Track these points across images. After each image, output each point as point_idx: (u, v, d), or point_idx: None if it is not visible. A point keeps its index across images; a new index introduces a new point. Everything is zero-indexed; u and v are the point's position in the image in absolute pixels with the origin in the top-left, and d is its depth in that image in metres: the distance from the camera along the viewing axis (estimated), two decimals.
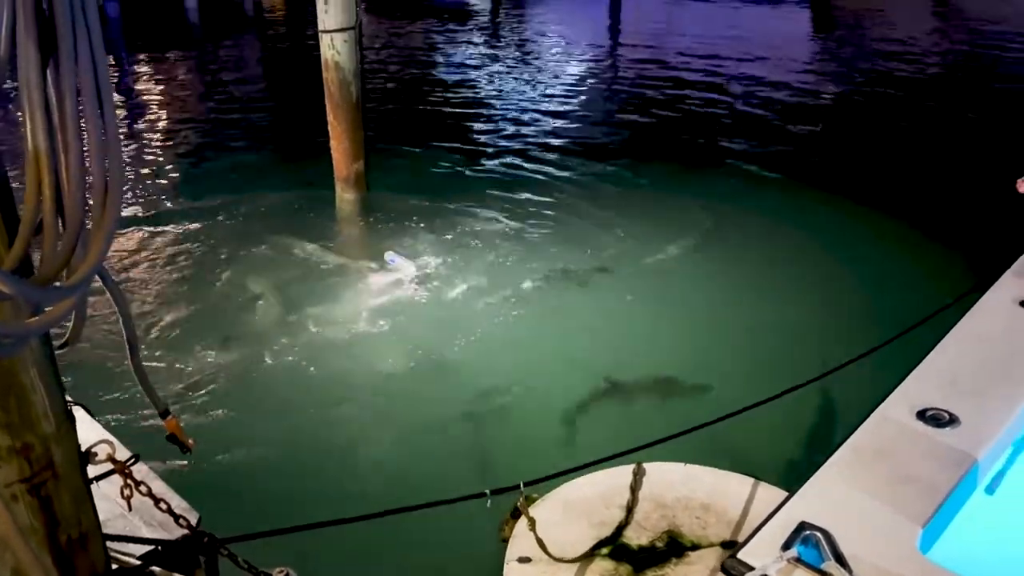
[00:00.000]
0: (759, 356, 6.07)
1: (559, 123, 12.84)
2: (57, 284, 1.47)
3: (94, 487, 1.94)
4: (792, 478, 2.33)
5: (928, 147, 11.26)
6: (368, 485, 4.79)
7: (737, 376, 5.68)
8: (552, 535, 2.75)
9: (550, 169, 10.43)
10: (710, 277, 7.44)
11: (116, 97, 12.88)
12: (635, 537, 2.79)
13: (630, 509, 2.87)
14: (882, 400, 2.58)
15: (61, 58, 1.38)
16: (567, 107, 13.92)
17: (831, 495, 2.22)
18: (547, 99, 14.46)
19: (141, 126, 12.78)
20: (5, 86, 1.51)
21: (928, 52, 18.89)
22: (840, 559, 1.99)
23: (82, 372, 5.61)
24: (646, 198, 9.34)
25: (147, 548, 2.27)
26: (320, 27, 7.78)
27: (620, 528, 2.82)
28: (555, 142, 11.67)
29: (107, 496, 2.35)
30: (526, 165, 10.58)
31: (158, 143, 11.82)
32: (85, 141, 1.46)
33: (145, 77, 16.76)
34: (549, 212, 8.93)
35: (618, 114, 13.64)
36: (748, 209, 8.95)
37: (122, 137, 11.89)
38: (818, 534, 2.06)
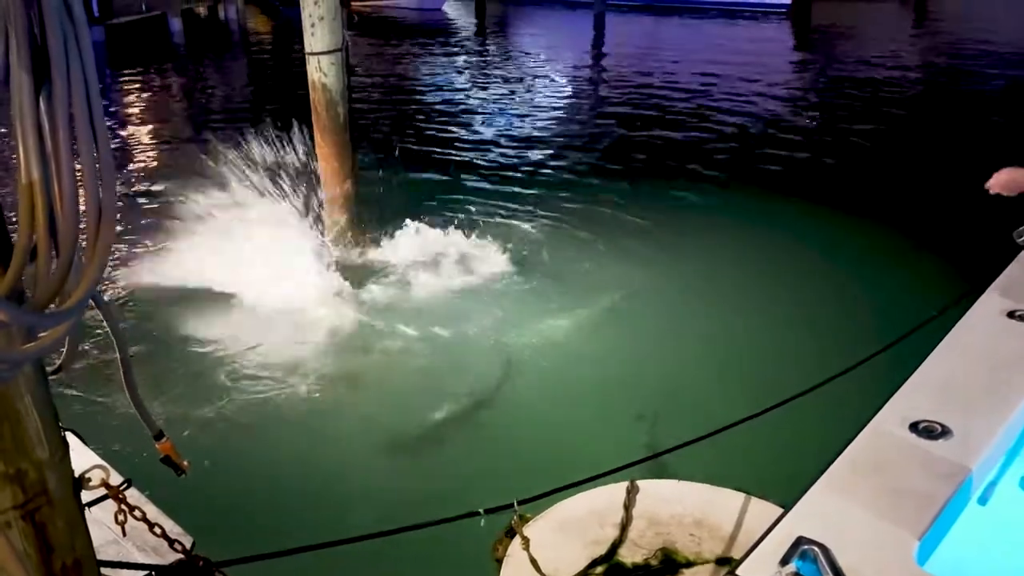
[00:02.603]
0: (750, 370, 6.09)
1: (549, 143, 12.90)
2: (51, 310, 1.47)
3: (88, 512, 1.93)
4: (785, 492, 2.33)
5: (913, 158, 11.36)
6: (363, 506, 4.76)
7: (729, 391, 5.70)
8: (546, 554, 2.74)
9: (540, 189, 10.47)
10: (698, 292, 7.47)
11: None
12: (629, 555, 2.78)
13: (624, 527, 2.86)
14: (875, 412, 2.59)
15: (54, 86, 1.39)
16: (557, 126, 13.99)
17: (827, 509, 2.22)
18: (536, 118, 14.53)
19: (126, 148, 12.75)
20: None
21: (910, 66, 19.10)
22: (838, 573, 1.98)
23: (73, 397, 5.59)
24: (635, 215, 9.37)
25: (141, 573, 2.26)
26: (307, 49, 7.81)
27: (614, 546, 2.81)
28: (545, 162, 11.73)
29: (100, 521, 2.33)
30: (516, 185, 10.63)
31: (143, 165, 11.80)
32: (79, 167, 1.46)
33: (130, 100, 16.75)
34: (539, 231, 8.96)
35: (607, 132, 13.70)
36: (736, 224, 9.01)
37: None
38: (816, 549, 2.05)
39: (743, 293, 7.37)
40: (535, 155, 12.23)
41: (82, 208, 1.47)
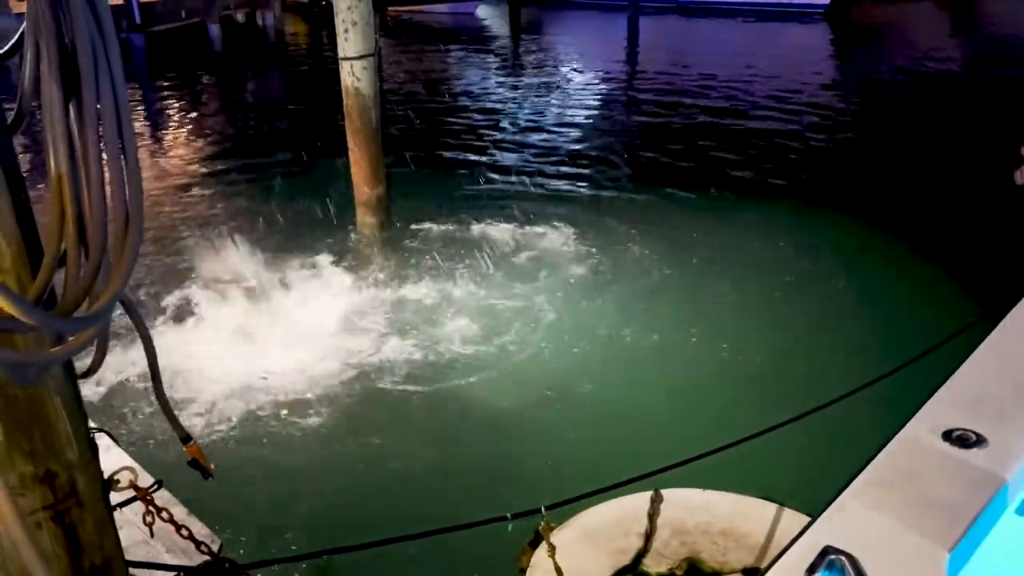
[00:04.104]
0: (778, 379, 6.01)
1: (582, 147, 12.86)
2: (79, 314, 1.49)
3: (118, 513, 1.96)
4: (813, 502, 2.30)
5: (950, 168, 11.14)
6: (389, 510, 4.75)
7: (756, 399, 5.62)
8: (570, 564, 2.71)
9: (573, 194, 10.45)
10: (726, 299, 7.39)
11: (141, 126, 13.13)
12: (654, 565, 2.75)
13: (648, 536, 2.83)
14: (906, 421, 2.54)
15: (83, 94, 1.42)
16: (590, 131, 13.95)
17: (855, 519, 2.18)
18: (569, 123, 14.49)
19: (165, 154, 12.97)
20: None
21: (949, 70, 18.77)
22: None
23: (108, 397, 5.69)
24: (664, 220, 9.28)
25: (169, 574, 2.29)
26: (340, 54, 7.88)
27: (639, 556, 2.78)
28: (578, 166, 11.69)
29: (132, 522, 2.37)
30: (549, 191, 10.60)
31: (180, 170, 11.98)
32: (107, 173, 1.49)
33: (169, 105, 17.02)
34: (570, 237, 8.92)
35: (638, 137, 13.62)
36: (765, 232, 8.90)
37: (146, 164, 12.07)
38: (843, 559, 2.01)
39: (772, 301, 7.28)
40: (567, 158, 12.21)
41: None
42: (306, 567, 2.38)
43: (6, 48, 1.47)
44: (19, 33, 1.46)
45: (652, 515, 2.90)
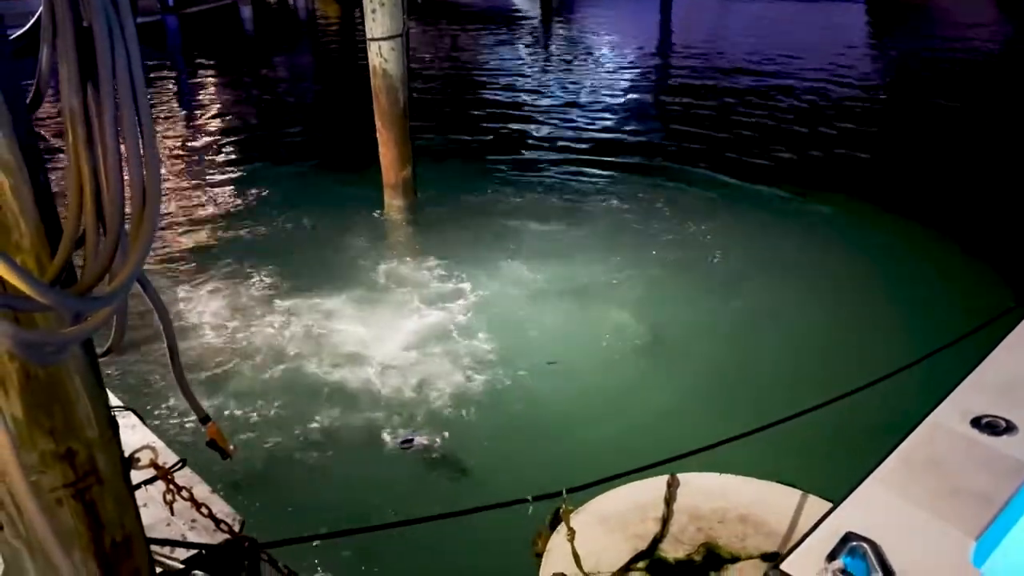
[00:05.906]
0: (803, 365, 5.95)
1: (613, 132, 12.74)
2: (96, 293, 1.50)
3: (143, 491, 1.97)
4: (836, 489, 2.27)
5: (989, 152, 10.88)
6: (408, 492, 4.77)
7: (781, 386, 5.55)
8: (587, 549, 2.69)
9: (602, 179, 10.36)
10: (752, 286, 7.30)
11: (174, 106, 13.16)
12: (671, 551, 2.72)
13: (665, 521, 2.80)
14: (934, 407, 2.49)
15: (100, 73, 1.42)
16: (620, 115, 13.82)
17: (879, 505, 2.15)
18: (600, 107, 14.36)
19: (197, 133, 13.07)
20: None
21: (992, 53, 18.31)
22: (888, 571, 1.92)
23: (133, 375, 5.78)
24: (694, 207, 9.17)
25: (192, 552, 2.31)
26: (368, 35, 7.86)
27: (656, 541, 2.75)
28: (608, 151, 11.58)
29: (156, 499, 2.39)
30: (577, 175, 10.53)
31: (213, 149, 12.07)
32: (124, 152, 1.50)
33: (203, 86, 17.16)
34: (599, 222, 8.87)
35: (669, 123, 13.44)
36: (790, 218, 8.80)
37: (178, 145, 12.19)
38: (865, 545, 1.99)
39: (797, 289, 7.18)
40: (596, 140, 12.12)
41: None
42: (327, 546, 2.39)
43: (21, 31, 1.48)
44: (35, 16, 1.47)
45: (669, 500, 2.87)
